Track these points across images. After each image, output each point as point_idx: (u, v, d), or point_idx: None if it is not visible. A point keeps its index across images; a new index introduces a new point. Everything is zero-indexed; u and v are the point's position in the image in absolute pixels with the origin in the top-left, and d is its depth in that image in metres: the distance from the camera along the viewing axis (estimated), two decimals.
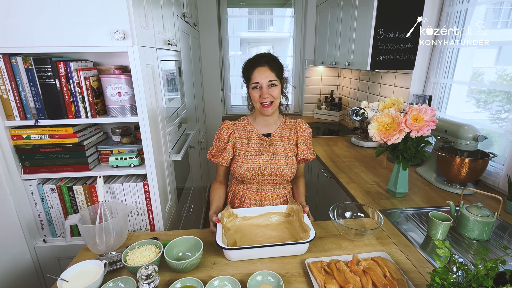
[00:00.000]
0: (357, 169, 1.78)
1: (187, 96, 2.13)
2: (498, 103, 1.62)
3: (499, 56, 1.72)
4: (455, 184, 1.49)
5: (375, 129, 1.23)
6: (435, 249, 1.05)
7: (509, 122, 1.44)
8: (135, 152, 1.26)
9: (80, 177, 1.28)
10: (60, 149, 1.16)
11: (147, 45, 1.17)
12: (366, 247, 1.06)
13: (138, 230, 1.31)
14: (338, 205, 1.18)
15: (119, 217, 1.07)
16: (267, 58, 1.15)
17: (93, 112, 1.14)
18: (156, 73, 1.30)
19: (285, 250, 0.98)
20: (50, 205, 1.24)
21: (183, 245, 1.01)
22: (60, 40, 1.01)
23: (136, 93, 1.09)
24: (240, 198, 1.26)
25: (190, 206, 1.95)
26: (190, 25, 2.38)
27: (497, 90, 1.63)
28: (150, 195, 1.25)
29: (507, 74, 1.64)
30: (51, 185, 1.21)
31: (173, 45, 1.63)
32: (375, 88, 2.48)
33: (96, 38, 1.01)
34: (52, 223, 1.27)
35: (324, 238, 1.12)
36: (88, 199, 1.24)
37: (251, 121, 1.25)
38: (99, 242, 1.03)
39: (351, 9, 2.11)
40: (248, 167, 1.19)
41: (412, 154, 1.26)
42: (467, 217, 1.11)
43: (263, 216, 1.15)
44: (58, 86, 1.08)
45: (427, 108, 1.13)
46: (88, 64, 1.20)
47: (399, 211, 1.31)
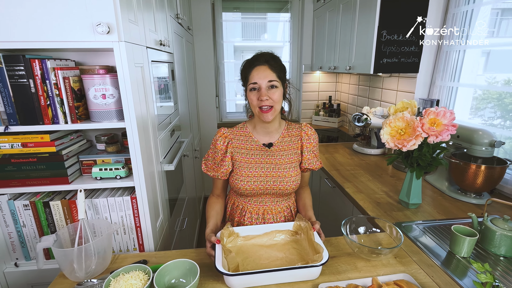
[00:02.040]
0: (362, 178, 1.67)
1: (180, 102, 2.01)
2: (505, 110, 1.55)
3: (487, 64, 1.68)
4: (470, 193, 1.39)
5: (388, 134, 1.13)
6: (460, 267, 0.94)
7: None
8: (122, 162, 1.13)
9: (59, 191, 1.13)
10: (34, 159, 1.02)
11: (136, 42, 1.05)
12: (385, 268, 0.93)
13: (124, 250, 1.16)
14: (351, 219, 1.06)
15: (102, 238, 0.93)
16: (267, 57, 1.03)
17: (74, 117, 1.00)
18: (147, 75, 1.18)
19: (295, 274, 0.85)
20: (22, 224, 1.08)
21: (176, 270, 0.87)
22: (35, 35, 0.87)
23: (122, 95, 0.96)
24: (240, 212, 1.13)
25: (184, 219, 1.80)
26: (184, 28, 2.27)
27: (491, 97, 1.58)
28: (139, 210, 1.10)
29: (497, 81, 1.61)
30: (24, 200, 1.06)
31: (166, 46, 1.51)
32: (376, 93, 2.40)
33: (76, 33, 0.88)
34: (25, 244, 1.11)
35: (336, 257, 0.99)
36: (67, 216, 1.09)
37: (251, 129, 1.11)
38: (78, 268, 0.88)
39: (352, 11, 2.04)
40: (248, 180, 1.06)
41: (427, 162, 1.16)
42: (493, 231, 1.00)
43: (268, 235, 1.02)
44: (33, 87, 0.94)
45: (446, 110, 1.03)
46: (69, 64, 1.06)
47: (414, 224, 1.19)
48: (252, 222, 1.11)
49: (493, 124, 1.59)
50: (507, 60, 1.62)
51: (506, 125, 1.51)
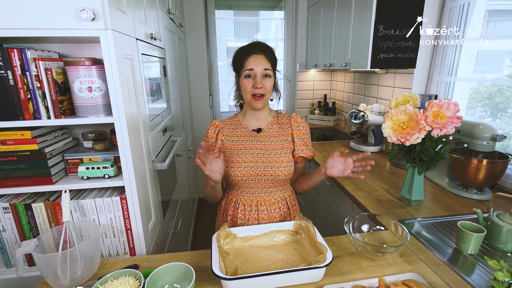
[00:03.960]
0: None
1: (173, 101, 1.94)
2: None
3: (476, 64, 1.67)
4: (471, 189, 1.36)
5: (390, 128, 1.09)
6: (467, 265, 0.90)
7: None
8: (111, 160, 1.06)
9: (42, 192, 1.05)
10: (14, 158, 0.94)
11: (125, 32, 0.99)
12: (391, 267, 0.89)
13: (114, 255, 1.09)
14: (354, 216, 1.02)
15: (89, 241, 0.86)
16: (263, 47, 1.07)
17: (57, 112, 0.93)
18: (136, 67, 1.11)
19: (297, 277, 0.80)
20: (2, 228, 1.00)
21: (170, 275, 0.81)
22: (13, 22, 0.80)
23: (110, 88, 0.90)
24: (234, 205, 1.12)
25: (177, 221, 1.73)
26: (176, 24, 2.21)
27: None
28: (129, 211, 1.03)
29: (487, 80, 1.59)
30: (4, 203, 0.98)
31: (157, 40, 1.45)
32: (372, 90, 2.37)
33: (58, 19, 0.81)
34: (5, 250, 1.03)
35: (340, 257, 0.94)
36: (51, 219, 1.02)
37: (241, 118, 1.16)
38: (62, 275, 0.81)
39: (347, 7, 2.01)
40: (238, 166, 1.06)
41: (430, 156, 1.12)
42: (500, 227, 0.97)
43: (267, 235, 0.97)
44: (11, 79, 0.87)
45: (450, 102, 0.99)
46: (52, 55, 0.99)
47: (417, 221, 1.15)
48: (246, 214, 1.09)
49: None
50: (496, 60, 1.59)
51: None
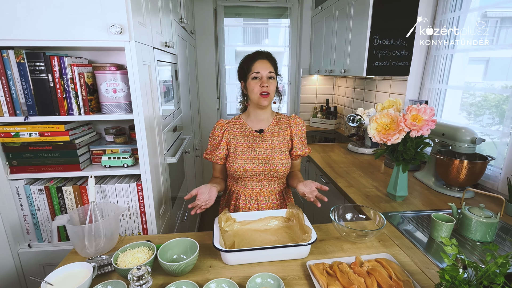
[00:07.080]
0: (355, 174, 1.75)
1: (183, 102, 2.11)
2: (489, 116, 1.64)
3: (486, 71, 1.76)
4: (454, 187, 1.48)
5: (374, 129, 1.22)
6: (439, 251, 1.02)
7: (506, 125, 1.44)
8: (129, 152, 1.22)
9: (71, 178, 1.22)
10: (50, 147, 1.12)
11: (144, 42, 1.16)
12: (369, 249, 1.02)
13: (130, 234, 1.25)
14: (338, 207, 1.15)
15: (110, 218, 1.02)
16: (267, 54, 1.23)
17: (87, 109, 1.10)
18: (153, 72, 1.28)
19: (285, 252, 0.94)
20: (37, 207, 1.18)
21: (178, 247, 0.96)
22: (55, 34, 0.98)
23: (132, 90, 1.06)
24: (236, 196, 1.26)
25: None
26: (187, 32, 2.39)
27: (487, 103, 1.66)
28: (144, 196, 1.20)
29: (495, 88, 1.69)
30: (39, 185, 1.15)
31: (171, 48, 1.62)
32: (370, 95, 2.50)
33: (92, 32, 0.99)
34: (38, 226, 1.20)
35: (325, 240, 1.07)
36: (78, 200, 1.18)
37: (245, 119, 1.28)
38: (88, 245, 0.97)
39: (346, 17, 2.15)
40: (242, 163, 1.20)
41: (411, 155, 1.25)
42: (470, 218, 1.08)
43: (262, 220, 1.11)
44: (51, 81, 1.04)
45: (426, 107, 1.12)
46: (83, 61, 1.17)
47: (400, 214, 1.28)
48: (246, 204, 1.23)
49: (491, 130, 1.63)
50: (505, 68, 1.65)
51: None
